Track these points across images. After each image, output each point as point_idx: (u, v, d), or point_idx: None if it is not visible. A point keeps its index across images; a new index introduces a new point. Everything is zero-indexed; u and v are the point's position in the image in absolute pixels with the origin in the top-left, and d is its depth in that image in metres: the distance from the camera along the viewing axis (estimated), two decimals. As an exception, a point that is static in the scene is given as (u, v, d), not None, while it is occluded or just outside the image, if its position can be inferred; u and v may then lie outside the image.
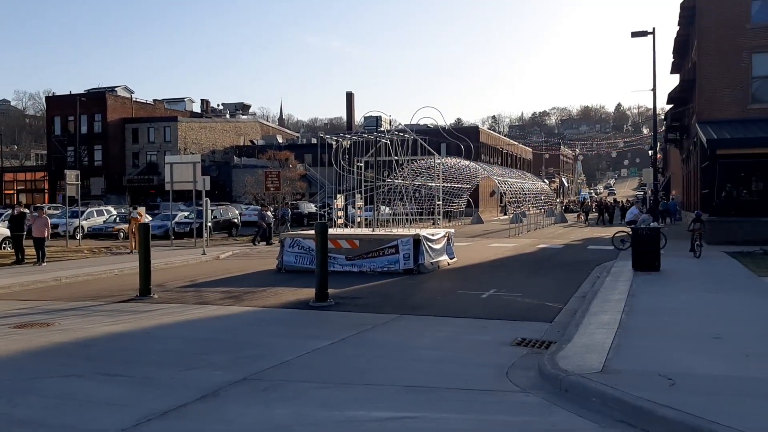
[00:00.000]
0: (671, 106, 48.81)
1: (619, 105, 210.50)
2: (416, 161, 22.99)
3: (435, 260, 18.17)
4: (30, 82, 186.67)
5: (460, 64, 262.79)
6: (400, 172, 23.98)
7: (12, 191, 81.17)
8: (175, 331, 9.83)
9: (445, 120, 18.01)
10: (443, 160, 26.38)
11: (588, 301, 12.02)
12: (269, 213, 32.65)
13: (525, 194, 39.98)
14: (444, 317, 10.91)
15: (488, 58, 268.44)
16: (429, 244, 17.83)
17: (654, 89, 33.92)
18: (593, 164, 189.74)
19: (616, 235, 24.03)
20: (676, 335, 8.62)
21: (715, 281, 14.63)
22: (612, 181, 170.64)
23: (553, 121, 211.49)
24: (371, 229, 19.98)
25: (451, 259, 19.69)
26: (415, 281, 15.78)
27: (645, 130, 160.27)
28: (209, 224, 36.23)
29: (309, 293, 13.03)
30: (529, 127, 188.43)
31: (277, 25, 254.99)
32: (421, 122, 21.39)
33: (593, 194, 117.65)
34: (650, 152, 49.16)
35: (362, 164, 21.62)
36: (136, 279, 15.20)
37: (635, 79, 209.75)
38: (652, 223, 16.41)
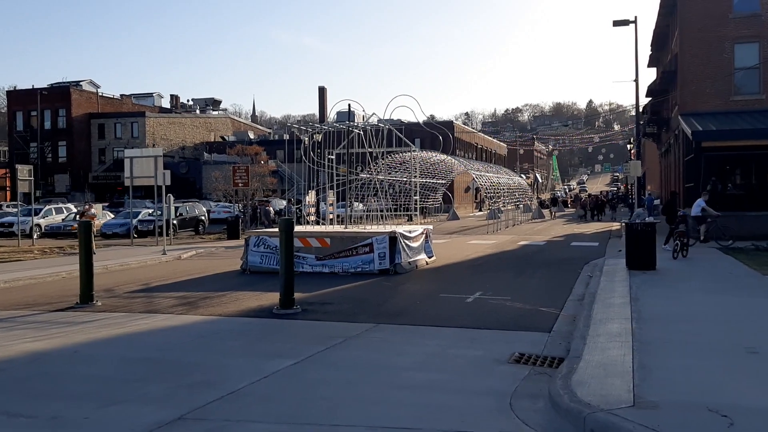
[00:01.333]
0: (649, 99, 48.10)
1: (590, 102, 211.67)
2: (391, 155, 21.59)
3: (413, 259, 16.78)
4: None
5: (432, 60, 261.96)
6: (374, 166, 22.53)
7: (-28, 189, 78.20)
8: (109, 350, 8.29)
9: (422, 110, 16.60)
10: (419, 153, 25.02)
11: (587, 305, 10.72)
12: (271, 209, 30.64)
13: (502, 189, 38.78)
14: (427, 327, 9.51)
15: (461, 55, 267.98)
16: (406, 242, 16.44)
17: (636, 80, 33.08)
18: (566, 160, 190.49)
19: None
20: (703, 349, 7.32)
21: (718, 281, 13.43)
22: (585, 177, 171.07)
23: (526, 117, 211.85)
24: (344, 226, 18.53)
25: (429, 257, 18.32)
26: (391, 283, 14.37)
27: (616, 126, 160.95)
28: (174, 222, 34.58)
29: (273, 298, 11.57)
30: (502, 124, 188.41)
31: (248, 21, 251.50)
32: (395, 116, 20.14)
33: (567, 190, 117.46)
34: (629, 146, 48.32)
35: (333, 157, 20.17)
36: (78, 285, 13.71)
37: (608, 74, 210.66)
38: (647, 219, 15.19)
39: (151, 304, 11.88)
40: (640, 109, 45.12)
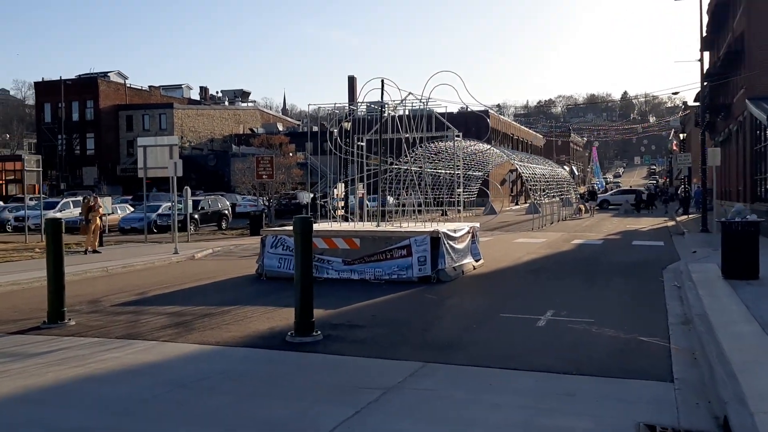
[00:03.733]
0: (705, 84, 44.50)
1: (625, 93, 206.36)
2: (428, 142, 18.92)
3: (458, 264, 14.11)
4: (29, 72, 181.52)
5: (462, 53, 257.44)
6: (410, 154, 19.88)
7: (1, 181, 77.39)
8: (38, 410, 5.77)
9: (467, 89, 13.91)
10: (462, 141, 22.26)
11: (703, 334, 7.94)
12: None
13: (547, 181, 35.79)
14: (496, 369, 6.84)
15: (492, 47, 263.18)
16: (450, 243, 13.77)
17: (701, 58, 29.70)
18: (601, 153, 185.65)
19: None
20: None
21: None
22: (621, 170, 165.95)
23: (559, 109, 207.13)
24: (375, 223, 15.91)
25: (477, 261, 15.63)
26: (435, 295, 11.72)
27: (651, 119, 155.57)
28: (195, 216, 32.36)
29: (290, 317, 9.01)
30: (534, 116, 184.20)
31: (279, 17, 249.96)
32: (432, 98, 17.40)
33: (604, 183, 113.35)
34: (680, 135, 44.81)
35: (364, 144, 17.57)
36: (73, 290, 11.76)
37: (642, 66, 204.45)
38: (749, 216, 12.32)
39: (136, 325, 9.40)
40: (681, 103, 41.79)
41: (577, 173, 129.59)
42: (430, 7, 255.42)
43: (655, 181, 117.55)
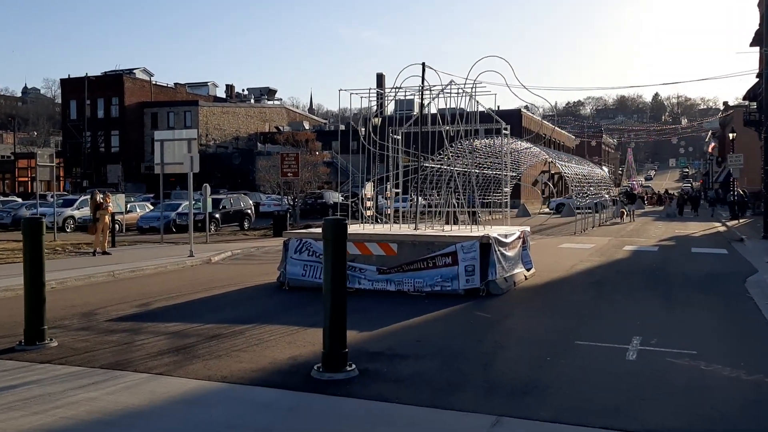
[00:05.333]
0: (757, 81, 41.99)
1: (656, 95, 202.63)
2: (470, 137, 17.01)
3: (509, 274, 12.22)
4: (60, 71, 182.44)
5: (488, 51, 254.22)
6: (444, 151, 18.07)
7: (26, 179, 77.04)
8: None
9: (515, 75, 12.04)
10: (510, 140, 20.27)
11: None
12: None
13: (589, 182, 33.66)
14: (592, 430, 5.00)
15: (519, 49, 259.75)
16: (501, 250, 11.89)
17: (762, 47, 27.46)
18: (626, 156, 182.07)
19: None
20: None
21: None
22: (652, 173, 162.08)
23: (588, 111, 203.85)
24: (412, 226, 14.07)
25: (528, 270, 13.73)
26: (488, 312, 9.86)
27: (684, 121, 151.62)
28: (216, 216, 30.83)
29: (316, 341, 7.31)
30: (563, 117, 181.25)
31: (308, 16, 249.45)
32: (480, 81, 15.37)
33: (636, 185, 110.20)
34: (731, 135, 42.34)
35: (400, 137, 15.75)
36: (70, 298, 10.37)
37: (674, 67, 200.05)
38: None
39: (129, 348, 7.69)
40: (721, 104, 39.48)
41: (608, 175, 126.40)
42: (459, 8, 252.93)
43: (689, 184, 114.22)
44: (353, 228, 13.40)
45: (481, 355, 7.35)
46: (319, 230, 14.86)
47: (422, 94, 13.01)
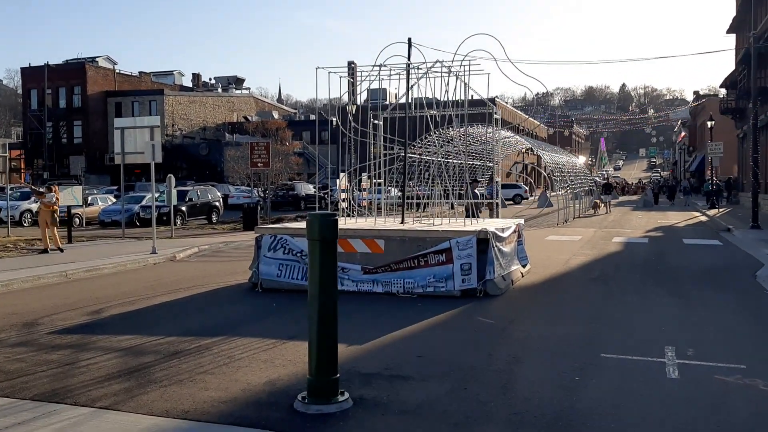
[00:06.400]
0: (733, 69, 41.55)
1: (623, 85, 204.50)
2: (453, 125, 15.80)
3: (507, 272, 11.08)
4: (21, 60, 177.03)
5: (458, 41, 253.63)
6: (433, 137, 16.86)
7: (-16, 172, 74.00)
8: None
9: (507, 54, 10.91)
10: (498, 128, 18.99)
11: None
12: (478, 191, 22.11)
13: (570, 173, 32.76)
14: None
15: (488, 36, 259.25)
16: (498, 245, 10.75)
17: (749, 31, 26.80)
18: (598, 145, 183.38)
19: None
20: None
21: None
22: (620, 162, 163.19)
23: (557, 101, 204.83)
24: (397, 220, 12.85)
25: (524, 266, 12.63)
26: (492, 318, 8.69)
27: (651, 111, 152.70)
28: (182, 208, 29.30)
29: (296, 358, 6.10)
30: (532, 108, 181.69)
31: (272, 4, 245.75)
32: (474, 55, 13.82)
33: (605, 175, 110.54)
34: (709, 123, 41.87)
35: (380, 122, 14.53)
36: (12, 303, 8.50)
37: (644, 56, 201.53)
38: None
39: (72, 371, 6.36)
40: (692, 92, 39.02)
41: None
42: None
43: (658, 174, 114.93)
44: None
45: (496, 374, 6.17)
46: (295, 225, 13.59)
47: (408, 73, 11.75)
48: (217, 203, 32.01)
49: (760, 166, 35.43)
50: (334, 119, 13.56)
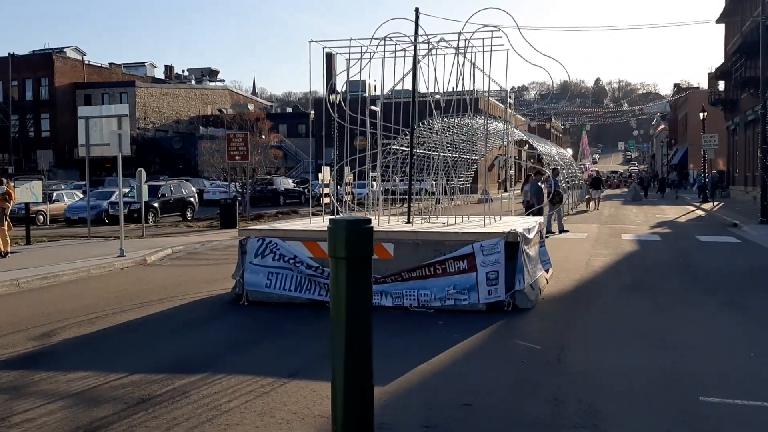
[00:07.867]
0: (737, 57, 40.45)
1: (598, 80, 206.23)
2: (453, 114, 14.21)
3: (534, 279, 9.52)
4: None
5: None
6: (436, 118, 15.24)
7: (-56, 167, 70.92)
8: None
9: (521, 32, 9.32)
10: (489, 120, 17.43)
11: None
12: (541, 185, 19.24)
13: (563, 167, 31.35)
14: None
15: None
16: (526, 249, 9.17)
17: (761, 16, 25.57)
18: (575, 139, 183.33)
19: None
20: None
21: None
22: (596, 156, 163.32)
23: (532, 95, 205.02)
24: (402, 219, 11.22)
25: (547, 271, 11.09)
26: (534, 341, 7.09)
27: (625, 105, 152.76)
28: (155, 205, 27.37)
29: (301, 408, 4.46)
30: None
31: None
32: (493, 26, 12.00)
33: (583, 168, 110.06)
34: (702, 115, 40.86)
35: (378, 109, 12.88)
36: None
37: (617, 52, 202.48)
38: None
39: (-4, 433, 4.66)
40: (671, 85, 37.89)
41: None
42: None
43: (636, 168, 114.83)
44: (317, 222, 10.48)
45: (571, 426, 4.57)
46: (283, 225, 11.87)
47: (415, 48, 10.10)
48: (191, 199, 30.11)
49: (750, 160, 34.36)
50: (332, 97, 11.77)
